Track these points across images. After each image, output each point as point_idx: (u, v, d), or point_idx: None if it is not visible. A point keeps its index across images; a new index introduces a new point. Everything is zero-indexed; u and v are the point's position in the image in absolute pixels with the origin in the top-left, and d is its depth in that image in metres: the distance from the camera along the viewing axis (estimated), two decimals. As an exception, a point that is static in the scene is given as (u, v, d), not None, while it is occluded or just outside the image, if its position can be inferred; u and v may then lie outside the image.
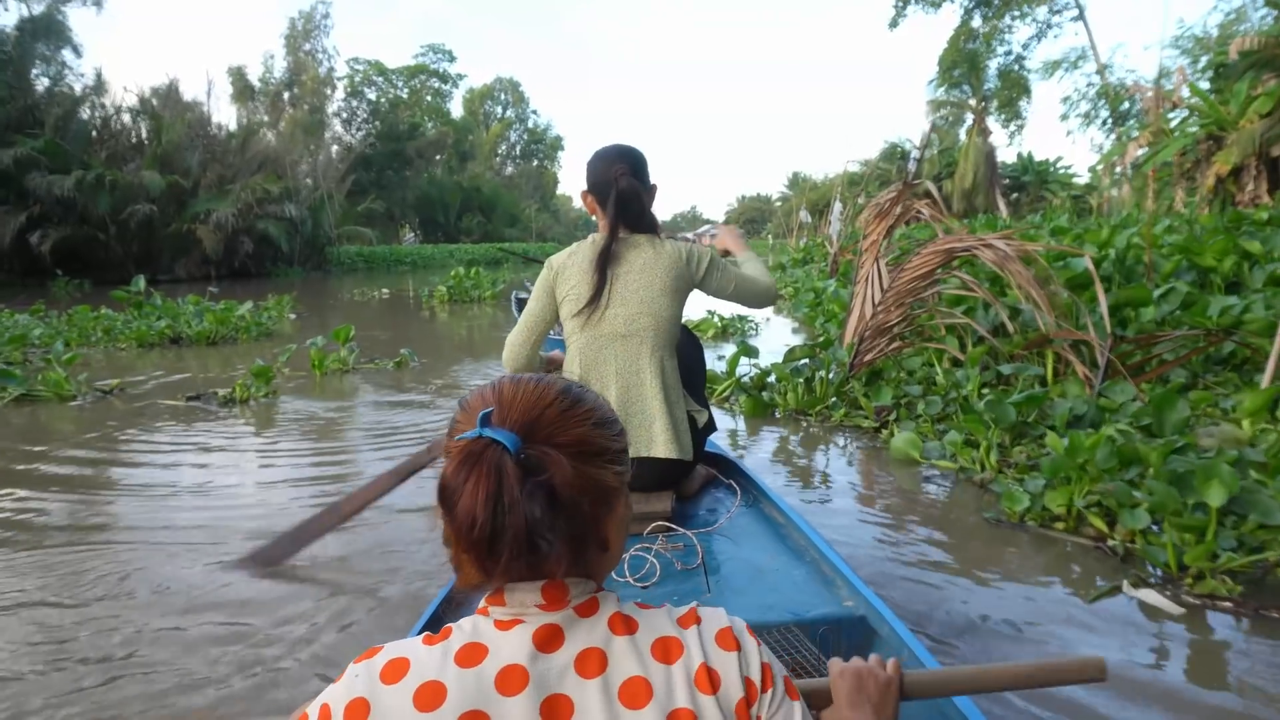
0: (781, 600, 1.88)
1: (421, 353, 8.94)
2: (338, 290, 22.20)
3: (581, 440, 0.86)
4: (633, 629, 0.86)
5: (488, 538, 0.80)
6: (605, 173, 2.48)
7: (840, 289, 8.49)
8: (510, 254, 14.06)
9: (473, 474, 0.80)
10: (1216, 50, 20.41)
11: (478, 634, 0.85)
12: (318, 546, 3.00)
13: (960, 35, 35.33)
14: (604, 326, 2.45)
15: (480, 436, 0.82)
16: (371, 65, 55.10)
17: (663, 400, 2.45)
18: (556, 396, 0.88)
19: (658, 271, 2.46)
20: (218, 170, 27.93)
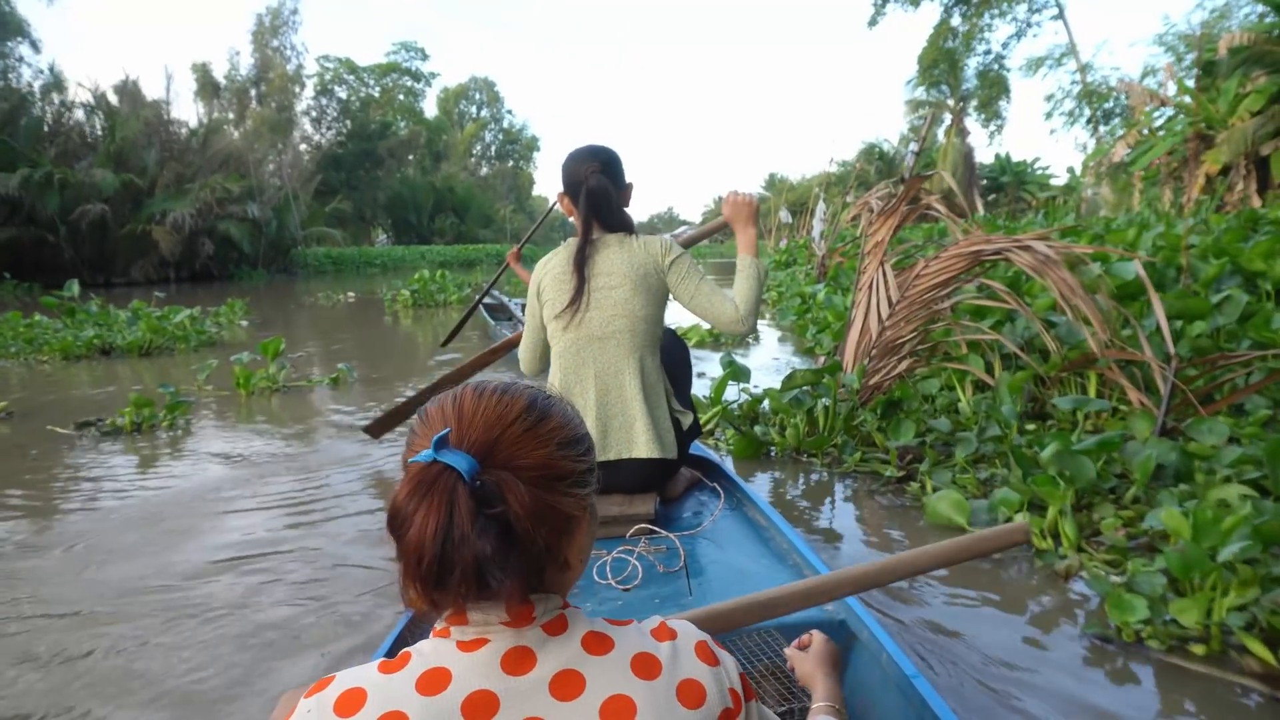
0: None
1: (373, 364, 8.14)
2: (302, 294, 21.22)
3: (544, 464, 0.81)
4: (609, 647, 0.83)
5: (435, 573, 0.75)
6: (577, 172, 2.49)
7: (832, 296, 7.76)
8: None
9: (423, 504, 0.76)
10: (1205, 47, 19.90)
11: (439, 658, 0.80)
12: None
13: (940, 33, 34.83)
14: (582, 329, 2.45)
15: (435, 461, 0.77)
16: (342, 63, 54.06)
17: (643, 401, 2.44)
18: (520, 413, 0.83)
19: (625, 271, 2.45)
20: (176, 169, 26.78)
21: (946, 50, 36.97)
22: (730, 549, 2.25)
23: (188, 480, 4.12)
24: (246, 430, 5.24)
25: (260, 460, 4.47)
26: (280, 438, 5.02)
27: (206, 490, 3.92)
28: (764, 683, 1.64)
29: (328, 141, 49.05)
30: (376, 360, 8.54)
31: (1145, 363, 3.64)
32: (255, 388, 6.31)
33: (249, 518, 3.51)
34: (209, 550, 3.12)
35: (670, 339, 2.77)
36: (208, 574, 2.88)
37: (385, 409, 4.45)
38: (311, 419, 5.56)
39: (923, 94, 46.22)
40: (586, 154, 2.52)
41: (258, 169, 29.08)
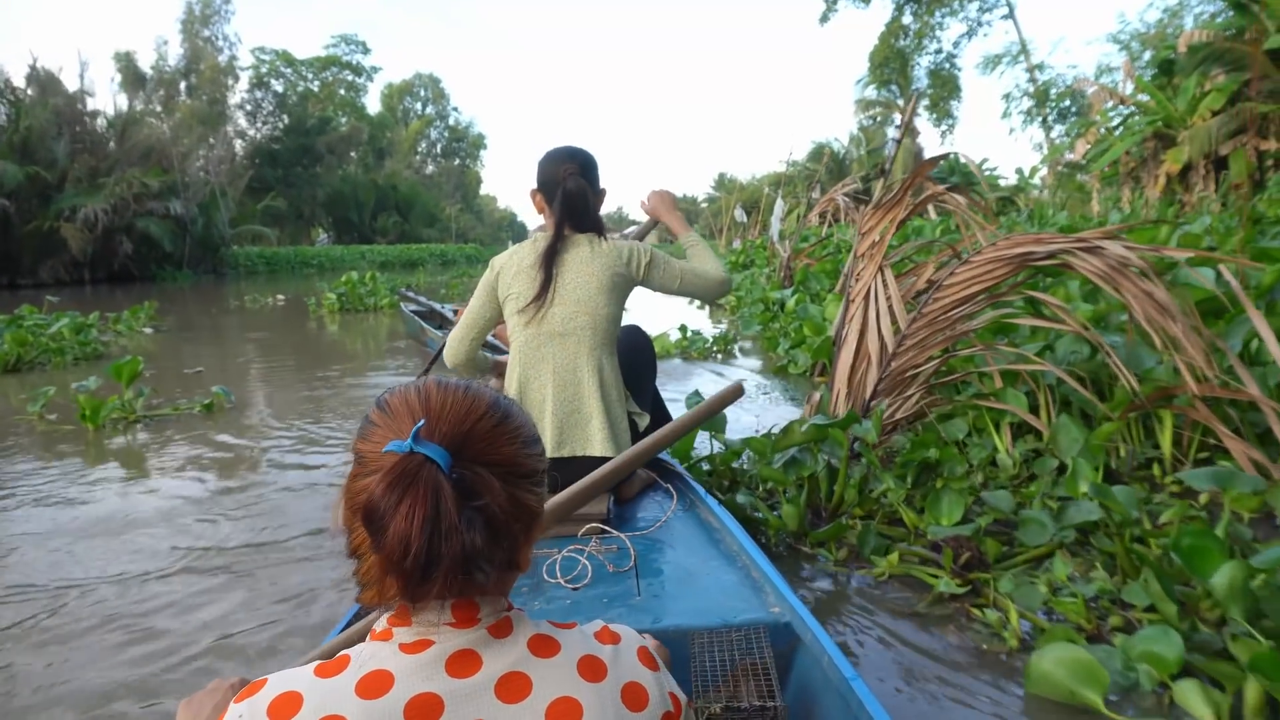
0: (710, 604, 1.88)
1: (279, 380, 6.99)
2: (228, 297, 19.72)
3: (512, 461, 0.83)
4: (555, 650, 0.83)
5: (421, 565, 0.75)
6: (554, 172, 2.52)
7: (806, 304, 6.77)
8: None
9: (406, 496, 0.74)
10: (1163, 45, 19.54)
11: (380, 661, 0.78)
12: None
13: (892, 31, 34.34)
14: (544, 325, 2.47)
15: (413, 452, 0.77)
16: (279, 55, 51.95)
17: (600, 399, 2.47)
18: (487, 409, 0.83)
19: (594, 270, 2.48)
20: (89, 162, 24.87)
21: (898, 50, 36.52)
22: (681, 550, 2.24)
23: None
24: (80, 484, 4.10)
25: (84, 527, 3.36)
26: (117, 493, 3.89)
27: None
28: (744, 680, 1.63)
29: (263, 136, 47.02)
30: (282, 376, 7.39)
31: (1244, 401, 2.74)
32: (106, 419, 5.14)
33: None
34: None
35: (636, 337, 2.82)
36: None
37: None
38: (165, 463, 4.43)
39: (873, 93, 45.97)
40: (565, 155, 2.54)
41: (182, 163, 27.27)
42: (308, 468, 4.26)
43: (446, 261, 45.28)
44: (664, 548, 2.26)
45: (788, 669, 1.72)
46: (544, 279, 2.45)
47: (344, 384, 6.86)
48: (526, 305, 2.46)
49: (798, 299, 7.41)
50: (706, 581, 2.02)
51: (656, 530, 2.37)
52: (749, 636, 1.71)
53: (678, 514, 2.51)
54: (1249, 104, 16.83)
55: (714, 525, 2.41)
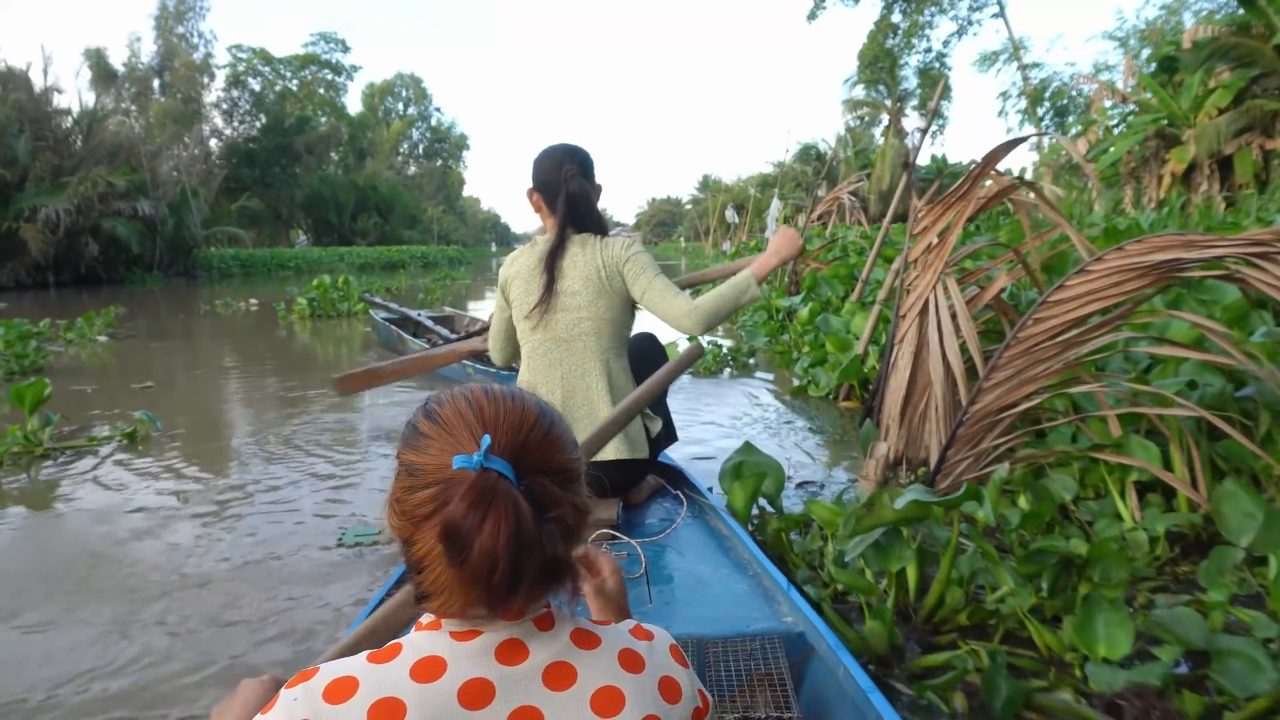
0: (722, 613, 1.87)
1: (234, 398, 6.21)
2: (199, 301, 18.79)
3: (565, 468, 0.84)
4: (596, 643, 0.86)
5: (508, 579, 0.77)
6: (553, 172, 2.50)
7: (827, 315, 5.97)
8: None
9: (490, 513, 0.76)
10: (1167, 40, 18.98)
11: (432, 647, 0.81)
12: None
13: (881, 29, 33.75)
14: (549, 330, 2.47)
15: (487, 469, 0.78)
16: (256, 53, 50.81)
17: (610, 404, 2.43)
18: (537, 418, 0.84)
19: (589, 275, 2.46)
20: (52, 160, 23.78)
21: (887, 49, 35.93)
22: (692, 557, 2.22)
23: None
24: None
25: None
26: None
27: None
28: (759, 690, 1.63)
29: (239, 136, 45.92)
30: (239, 393, 6.60)
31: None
32: (5, 454, 4.34)
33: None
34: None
35: (648, 343, 2.80)
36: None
37: (362, 369, 4.61)
38: (65, 509, 3.65)
39: (862, 93, 45.43)
40: (564, 154, 2.52)
41: (152, 162, 26.23)
42: (236, 524, 3.48)
43: (428, 264, 44.34)
44: (674, 554, 2.25)
45: (801, 679, 1.70)
46: (546, 282, 2.45)
47: (309, 403, 6.08)
48: (531, 310, 2.47)
49: (812, 309, 6.68)
50: (718, 590, 2.01)
51: (666, 536, 2.36)
52: (764, 646, 1.72)
53: (687, 520, 2.49)
54: (1258, 101, 16.28)
55: (723, 532, 2.38)
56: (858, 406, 4.97)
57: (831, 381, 5.23)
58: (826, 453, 4.21)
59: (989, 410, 2.67)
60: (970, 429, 2.70)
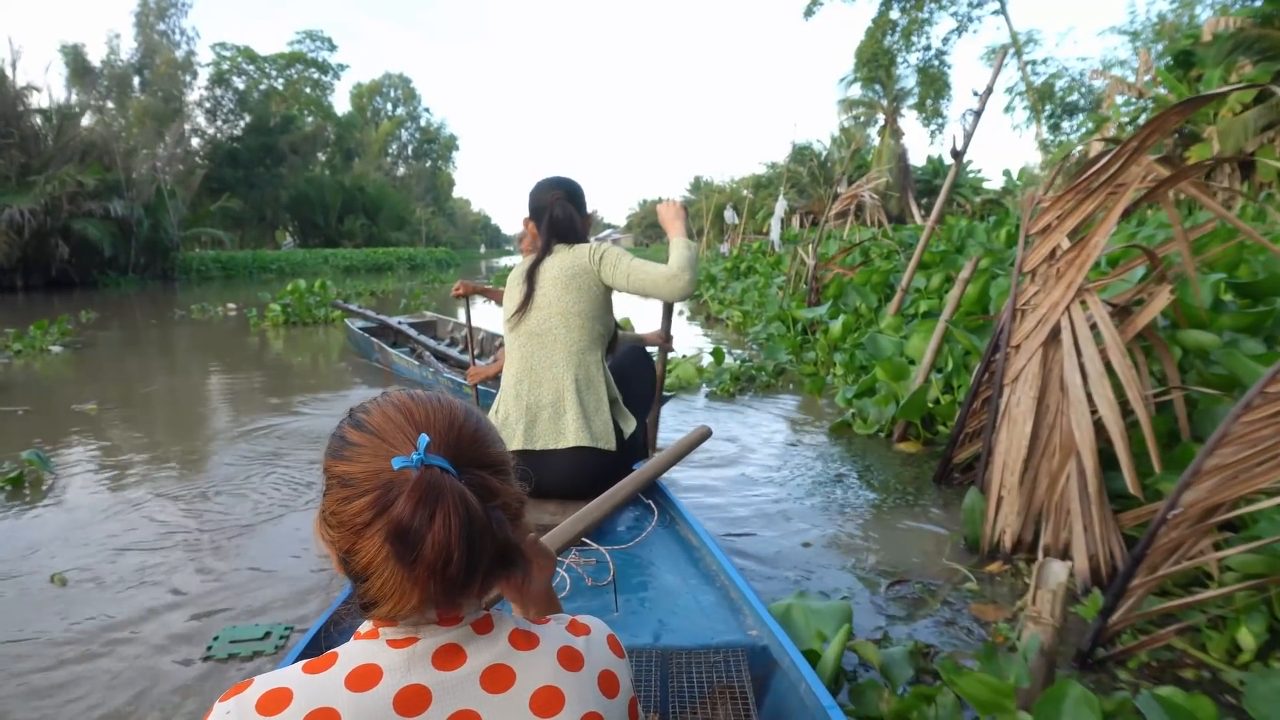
0: (688, 624, 1.87)
1: (180, 424, 5.30)
2: (174, 305, 17.79)
3: (498, 460, 0.86)
4: (534, 643, 0.86)
5: (463, 568, 0.77)
6: (542, 199, 2.74)
7: (877, 335, 4.90)
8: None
9: (438, 508, 0.76)
10: (1185, 34, 18.23)
11: (368, 655, 0.80)
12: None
13: (880, 26, 32.93)
14: (523, 327, 2.66)
15: (429, 465, 0.78)
16: (240, 51, 49.71)
17: (575, 393, 2.56)
18: (465, 416, 0.86)
19: (557, 274, 2.63)
20: (18, 158, 22.69)
21: (885, 47, 35.11)
22: (660, 566, 2.22)
23: None
24: None
25: None
26: None
27: None
28: (720, 702, 1.64)
29: (223, 135, 44.83)
30: (189, 416, 5.69)
31: None
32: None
33: None
34: None
35: (634, 355, 2.99)
36: None
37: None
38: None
39: (858, 92, 44.67)
40: (552, 183, 2.76)
41: (126, 161, 25.16)
42: (92, 611, 2.60)
43: (416, 266, 43.34)
44: (643, 563, 2.25)
45: (764, 692, 1.69)
46: (526, 289, 2.66)
47: (267, 430, 5.19)
48: (512, 313, 2.69)
49: (845, 323, 5.78)
50: (685, 600, 2.00)
51: (636, 545, 2.35)
52: (727, 659, 1.73)
53: (658, 529, 2.49)
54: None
55: (693, 543, 2.36)
56: (919, 450, 4.10)
57: (884, 417, 4.35)
58: (901, 524, 3.30)
59: (1201, 508, 1.79)
60: (1169, 534, 1.82)
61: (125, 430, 5.46)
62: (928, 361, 4.06)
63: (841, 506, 3.54)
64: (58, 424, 5.72)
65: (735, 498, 3.66)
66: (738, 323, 10.08)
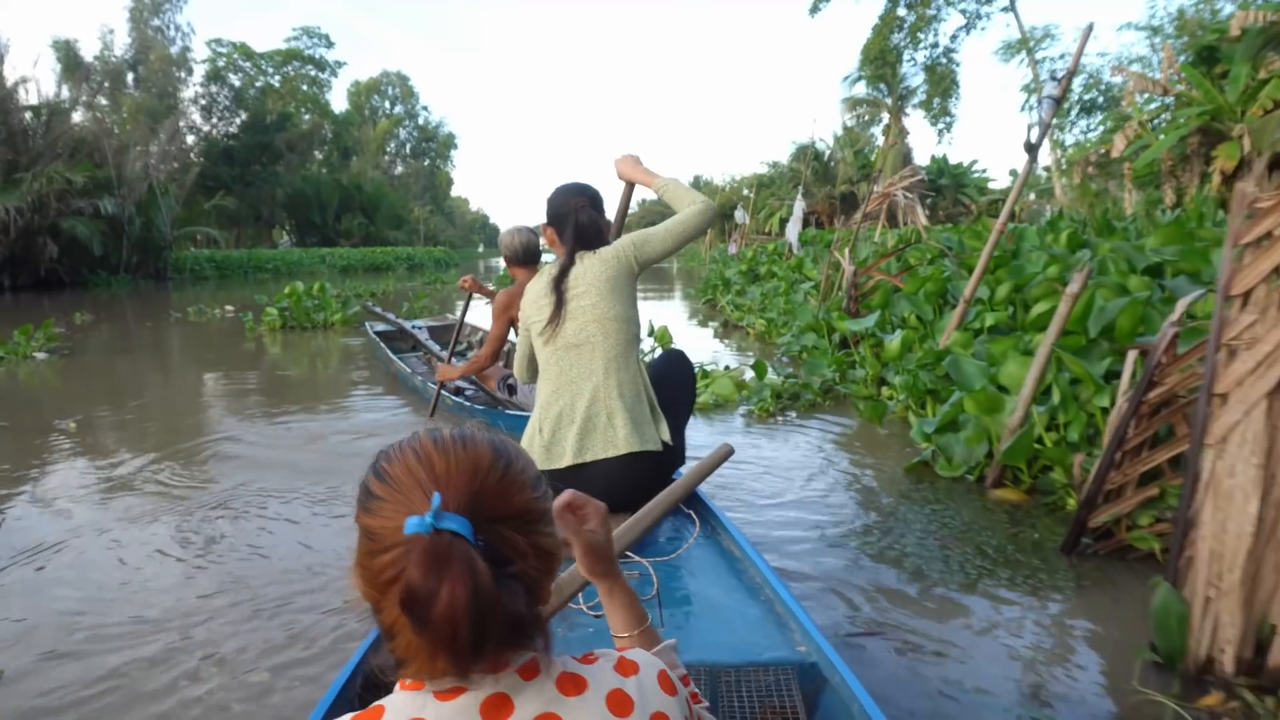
0: (735, 639, 1.83)
1: (158, 447, 4.72)
2: (168, 307, 17.19)
3: (526, 509, 0.80)
4: (583, 687, 0.81)
5: (470, 642, 0.72)
6: (564, 205, 2.68)
7: (959, 361, 4.18)
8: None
9: (445, 578, 0.71)
10: (1209, 28, 17.68)
11: (416, 709, 0.77)
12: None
13: (887, 23, 32.36)
14: (559, 340, 2.57)
15: (440, 530, 0.73)
16: (236, 48, 49.03)
17: (620, 399, 2.52)
18: (491, 461, 0.79)
19: (594, 279, 2.56)
20: (6, 155, 21.97)
21: (892, 45, 34.51)
22: (703, 578, 2.18)
23: None
24: None
25: None
26: None
27: None
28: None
29: (218, 133, 44.16)
30: (161, 446, 5.10)
31: None
32: None
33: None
34: None
35: (675, 361, 2.89)
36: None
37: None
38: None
39: (863, 90, 44.12)
40: (574, 189, 2.72)
41: (117, 158, 24.50)
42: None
43: (414, 265, 42.73)
44: (686, 576, 2.19)
45: (814, 712, 1.65)
46: (555, 301, 2.57)
47: (245, 466, 4.63)
48: (544, 328, 2.58)
49: (904, 338, 5.20)
50: (730, 615, 1.96)
51: (678, 557, 2.29)
52: (777, 677, 1.68)
53: (699, 540, 2.42)
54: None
55: (736, 554, 2.30)
56: (1023, 499, 3.49)
57: (973, 457, 3.75)
58: (1044, 618, 2.57)
59: None
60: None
61: (108, 453, 4.89)
62: (1028, 392, 3.48)
63: (956, 584, 2.83)
64: (36, 443, 5.20)
65: (817, 563, 3.07)
66: (761, 331, 9.50)
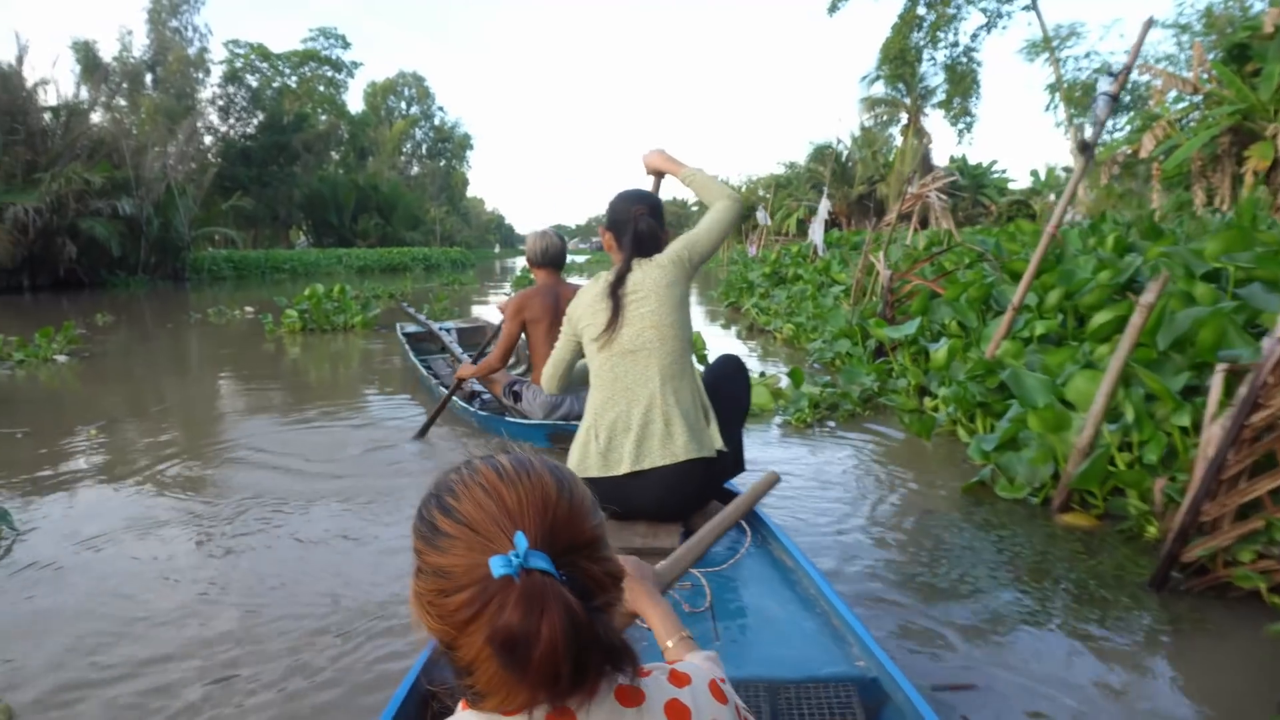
0: (792, 654, 1.79)
1: (180, 455, 4.57)
2: (189, 307, 17.13)
3: (593, 538, 0.81)
4: (640, 699, 0.82)
5: (571, 677, 0.73)
6: (624, 212, 2.72)
7: (1021, 374, 3.82)
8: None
9: (544, 618, 0.71)
10: (1242, 25, 17.30)
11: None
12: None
13: (906, 22, 31.98)
14: (615, 346, 2.58)
15: (529, 570, 0.73)
16: (253, 49, 49.17)
17: (676, 404, 2.53)
18: (558, 491, 0.80)
19: (653, 286, 2.60)
20: (25, 155, 22.03)
21: (911, 44, 34.10)
22: (756, 589, 2.14)
23: None
24: None
25: None
26: None
27: None
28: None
29: (236, 133, 44.25)
30: (198, 447, 4.95)
31: None
32: None
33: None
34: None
35: (732, 365, 2.88)
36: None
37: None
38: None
39: (881, 90, 43.81)
40: (635, 197, 2.77)
41: (135, 158, 24.51)
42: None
43: (430, 266, 42.67)
44: (739, 587, 2.16)
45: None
46: (613, 307, 2.58)
47: (275, 461, 4.47)
48: (600, 333, 2.59)
49: (951, 347, 4.97)
50: (786, 627, 1.92)
51: (730, 567, 2.27)
52: (837, 692, 1.64)
53: (751, 550, 2.39)
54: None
55: (789, 565, 2.27)
56: (1094, 525, 3.24)
57: (1037, 478, 3.51)
58: (1147, 666, 2.30)
59: None
60: None
61: (128, 462, 4.74)
62: (1099, 409, 3.26)
63: (1041, 624, 2.53)
64: (58, 450, 5.07)
65: (879, 592, 2.87)
66: (788, 336, 9.29)
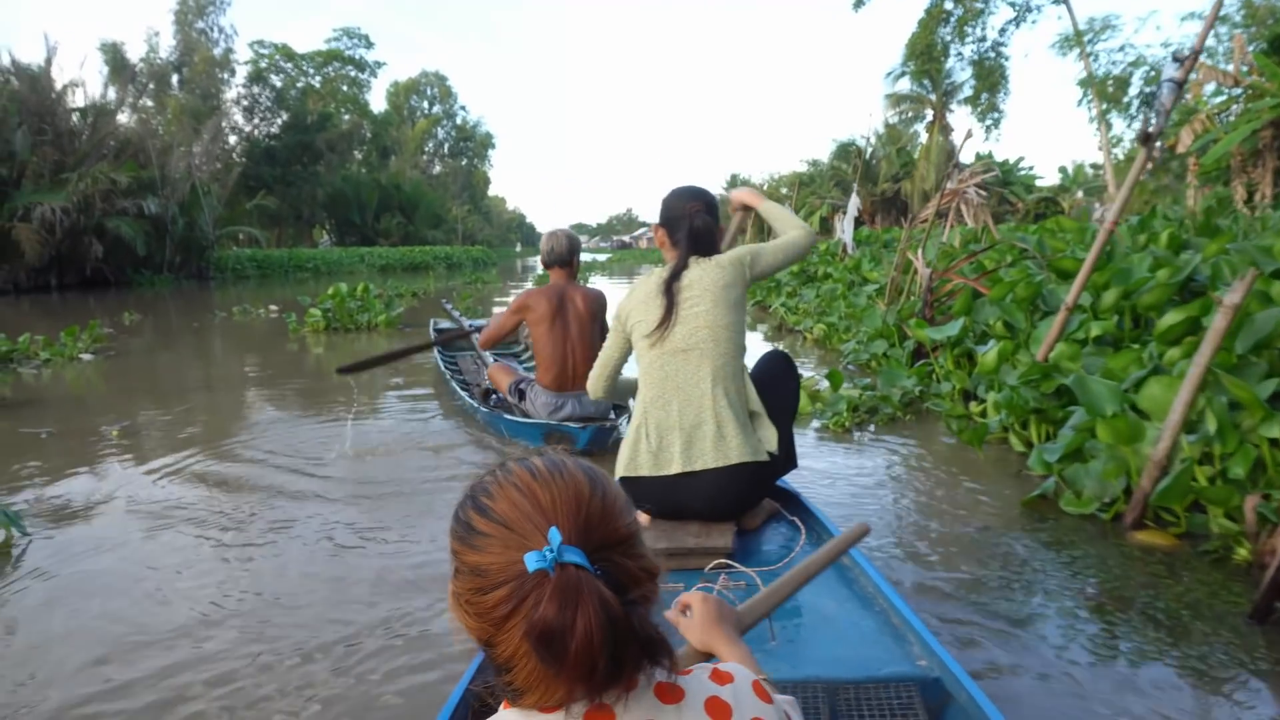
0: (851, 654, 1.76)
1: (201, 457, 4.42)
2: (214, 305, 17.12)
3: (627, 535, 0.81)
4: (680, 696, 0.82)
5: (607, 671, 0.74)
6: (679, 208, 2.69)
7: (1087, 381, 3.47)
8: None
9: (579, 612, 0.72)
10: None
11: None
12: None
13: (934, 17, 31.51)
14: (667, 344, 2.56)
15: (564, 565, 0.74)
16: (278, 49, 49.38)
17: (729, 407, 2.49)
18: (590, 489, 0.80)
19: (709, 286, 2.57)
20: (52, 155, 22.18)
21: (937, 39, 33.61)
22: (813, 588, 2.01)
23: None
24: None
25: None
26: None
27: None
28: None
29: (260, 133, 44.50)
30: (224, 446, 4.80)
31: None
32: None
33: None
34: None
35: (778, 363, 2.82)
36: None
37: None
38: None
39: (907, 86, 43.29)
40: (690, 193, 2.73)
41: (161, 158, 24.62)
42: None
43: (452, 265, 42.66)
44: None
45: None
46: (666, 304, 2.55)
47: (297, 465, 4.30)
48: (652, 330, 2.56)
49: (1001, 350, 4.72)
50: (844, 627, 1.90)
51: (785, 565, 2.21)
52: (898, 693, 1.61)
53: (805, 548, 2.34)
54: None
55: (845, 563, 2.22)
56: (1174, 545, 2.97)
57: (1108, 492, 3.26)
58: (1249, 714, 1.99)
59: None
60: None
61: (150, 464, 4.58)
62: (1176, 419, 3.01)
63: (1134, 662, 2.24)
64: (84, 449, 4.99)
65: (945, 620, 2.64)
66: (819, 337, 9.05)
